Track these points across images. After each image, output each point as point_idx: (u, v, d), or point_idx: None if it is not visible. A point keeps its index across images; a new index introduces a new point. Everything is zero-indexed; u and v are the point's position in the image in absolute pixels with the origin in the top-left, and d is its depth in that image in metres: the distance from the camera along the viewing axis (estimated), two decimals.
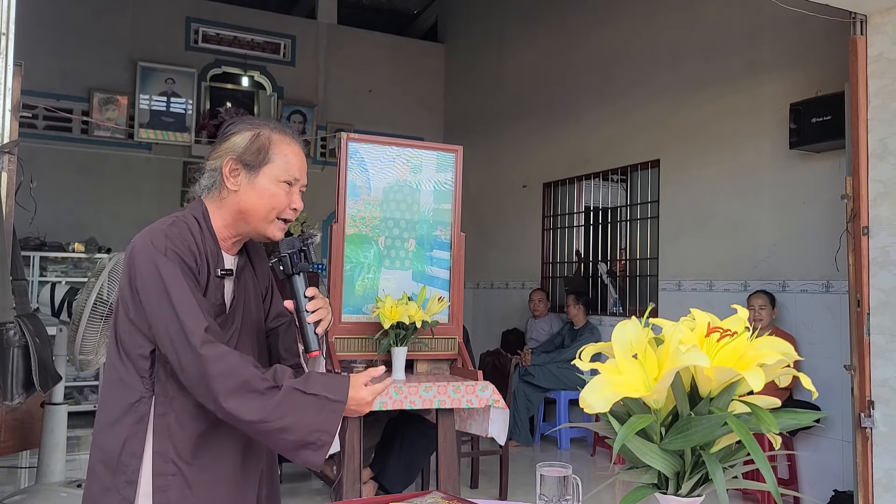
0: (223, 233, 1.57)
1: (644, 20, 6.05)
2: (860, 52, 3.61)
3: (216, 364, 1.37)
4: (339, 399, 1.43)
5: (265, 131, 1.56)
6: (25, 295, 2.95)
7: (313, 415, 1.40)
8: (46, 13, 6.84)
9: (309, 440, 1.40)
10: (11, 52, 2.43)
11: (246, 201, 1.54)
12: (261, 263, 1.70)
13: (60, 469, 3.63)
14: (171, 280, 1.42)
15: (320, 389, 1.42)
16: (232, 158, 1.53)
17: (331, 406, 1.42)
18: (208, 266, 1.51)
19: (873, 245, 3.55)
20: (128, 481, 1.45)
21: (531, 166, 7.35)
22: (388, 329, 3.31)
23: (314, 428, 1.40)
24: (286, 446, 1.41)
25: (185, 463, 1.46)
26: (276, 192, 1.54)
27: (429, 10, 9.73)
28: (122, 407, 1.47)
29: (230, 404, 1.37)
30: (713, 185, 5.31)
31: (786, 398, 4.18)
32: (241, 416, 1.37)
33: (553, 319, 6.66)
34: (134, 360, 1.47)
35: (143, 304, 1.44)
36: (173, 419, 1.47)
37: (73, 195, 7.11)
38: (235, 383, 1.37)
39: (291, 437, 1.39)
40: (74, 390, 6.53)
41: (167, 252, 1.44)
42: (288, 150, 1.56)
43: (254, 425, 1.38)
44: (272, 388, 1.39)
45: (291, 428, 1.39)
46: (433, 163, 3.66)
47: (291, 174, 1.56)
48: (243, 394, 1.37)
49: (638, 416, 1.00)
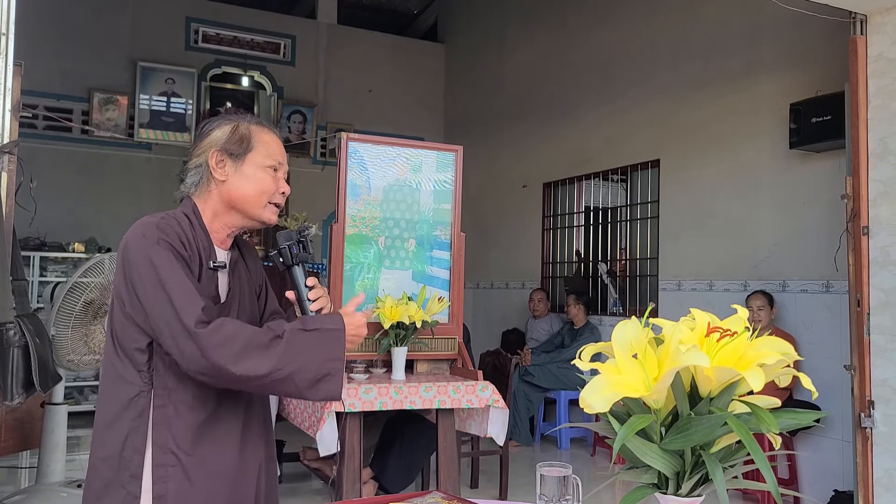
0: (214, 225, 1.60)
1: (644, 20, 6.05)
2: (860, 52, 3.61)
3: (213, 336, 1.39)
4: (338, 327, 1.50)
5: (243, 123, 1.62)
6: (25, 295, 2.95)
7: (319, 348, 1.46)
8: (46, 13, 6.85)
9: (323, 372, 1.46)
10: (11, 52, 2.43)
11: (236, 189, 1.58)
12: (253, 260, 1.72)
13: (60, 469, 3.63)
14: (164, 267, 1.44)
15: (318, 324, 1.50)
16: (216, 150, 1.58)
17: (332, 335, 1.49)
18: (200, 259, 1.54)
19: (873, 245, 3.55)
20: (132, 476, 1.46)
21: (531, 166, 7.36)
22: (388, 329, 3.31)
23: (324, 359, 1.46)
24: (305, 386, 1.45)
25: (184, 454, 1.47)
26: (263, 177, 1.59)
27: (429, 10, 9.74)
28: (121, 403, 1.48)
29: (241, 367, 1.39)
30: (713, 185, 5.31)
31: (786, 398, 4.18)
32: (254, 373, 1.40)
33: (553, 319, 6.66)
34: (130, 355, 1.48)
35: (139, 295, 1.45)
36: (172, 410, 1.48)
37: (73, 195, 7.11)
38: (238, 347, 1.40)
39: (308, 375, 1.45)
40: (74, 390, 6.53)
41: (159, 241, 1.46)
42: (267, 138, 1.63)
43: (269, 377, 1.42)
44: (274, 338, 1.44)
45: (304, 367, 1.44)
46: (433, 162, 3.66)
47: (275, 159, 1.62)
48: (249, 352, 1.41)
49: (638, 416, 1.00)
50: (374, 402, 3.17)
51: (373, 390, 3.18)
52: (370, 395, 3.16)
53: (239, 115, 1.65)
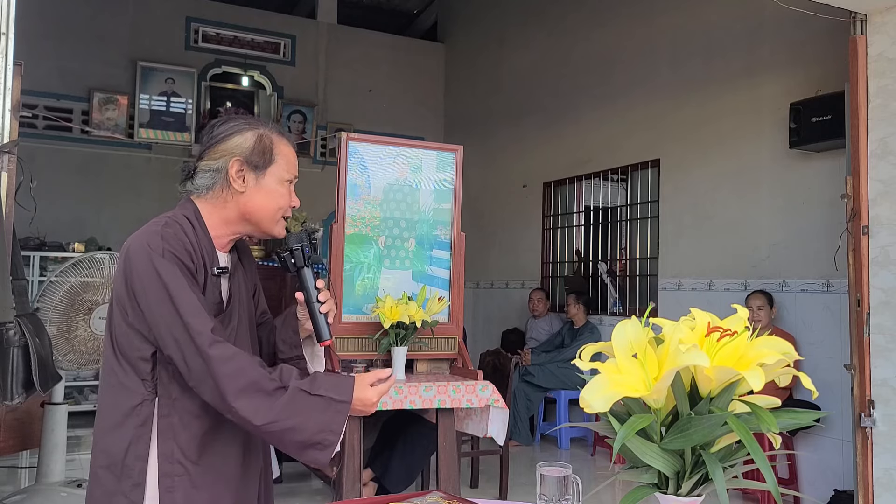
0: (219, 231, 1.56)
1: (644, 20, 6.05)
2: (860, 52, 3.61)
3: (225, 364, 1.38)
4: (345, 399, 1.45)
5: (266, 132, 1.57)
6: (25, 295, 2.96)
7: (319, 415, 1.42)
8: (46, 13, 6.84)
9: (315, 440, 1.42)
10: (11, 52, 2.43)
11: (254, 202, 1.54)
12: (249, 261, 1.70)
13: (60, 469, 3.63)
14: (172, 281, 1.41)
15: (326, 390, 1.44)
16: (238, 160, 1.52)
17: (336, 406, 1.43)
18: (205, 265, 1.51)
19: (873, 245, 3.55)
20: (134, 484, 1.44)
21: (531, 166, 7.35)
22: (388, 329, 3.31)
23: (320, 428, 1.41)
24: (293, 446, 1.43)
25: (190, 463, 1.46)
26: (282, 193, 1.56)
27: (429, 10, 9.74)
28: (123, 410, 1.46)
29: (239, 404, 1.38)
30: (713, 184, 5.31)
31: (786, 398, 4.18)
32: (249, 418, 1.38)
33: (553, 319, 6.66)
34: (133, 364, 1.46)
35: (142, 307, 1.43)
36: (177, 420, 1.46)
37: (73, 195, 7.11)
38: (244, 383, 1.38)
39: (298, 438, 1.41)
40: (74, 390, 6.52)
41: (164, 253, 1.43)
42: (287, 150, 1.58)
43: (262, 427, 1.39)
44: (279, 388, 1.41)
45: (298, 428, 1.40)
46: (433, 162, 3.66)
47: (292, 173, 1.59)
48: (251, 394, 1.38)
49: (638, 416, 1.00)
50: None
51: None
52: None
53: (258, 120, 1.61)
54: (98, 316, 3.58)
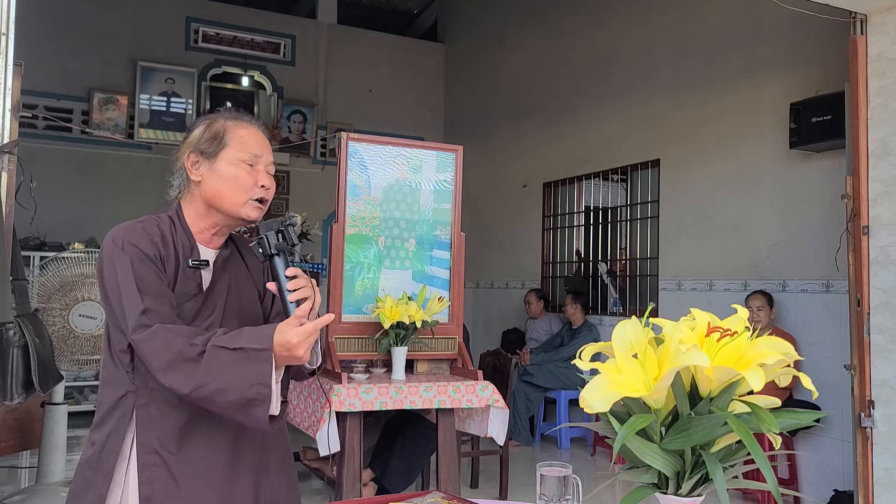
0: (198, 225, 1.58)
1: (643, 20, 6.05)
2: (860, 52, 3.61)
3: (149, 343, 1.38)
4: (265, 346, 1.36)
5: (219, 120, 1.59)
6: (25, 295, 2.96)
7: (243, 370, 1.34)
8: (46, 13, 6.84)
9: (247, 396, 1.34)
10: (11, 52, 2.43)
11: (210, 188, 1.55)
12: (252, 259, 1.68)
13: (60, 469, 3.63)
14: (121, 271, 1.44)
15: (245, 342, 1.37)
16: (191, 151, 1.56)
17: (257, 356, 1.35)
18: (178, 257, 1.52)
19: (873, 245, 3.55)
20: (104, 477, 1.46)
21: (531, 166, 7.35)
22: (388, 329, 3.31)
23: (249, 383, 1.34)
24: (230, 408, 1.37)
25: (169, 454, 1.45)
26: (238, 174, 1.54)
27: (429, 10, 9.74)
28: (110, 403, 1.49)
29: (168, 378, 1.36)
30: (713, 185, 5.31)
31: (786, 398, 4.18)
32: (179, 388, 1.36)
33: (552, 319, 6.66)
34: (118, 356, 1.49)
35: (106, 299, 1.47)
36: (155, 410, 1.46)
37: (73, 195, 7.11)
38: (171, 356, 1.36)
39: (231, 398, 1.35)
40: (74, 390, 6.52)
41: (124, 245, 1.46)
42: (242, 132, 1.58)
43: (192, 395, 1.36)
44: (202, 352, 1.36)
45: (227, 388, 1.34)
46: (433, 162, 3.66)
47: (250, 152, 1.56)
48: (178, 365, 1.36)
49: (638, 416, 1.00)
50: (374, 402, 3.17)
51: (373, 390, 3.18)
52: (370, 394, 3.16)
53: (220, 113, 1.62)
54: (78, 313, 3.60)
